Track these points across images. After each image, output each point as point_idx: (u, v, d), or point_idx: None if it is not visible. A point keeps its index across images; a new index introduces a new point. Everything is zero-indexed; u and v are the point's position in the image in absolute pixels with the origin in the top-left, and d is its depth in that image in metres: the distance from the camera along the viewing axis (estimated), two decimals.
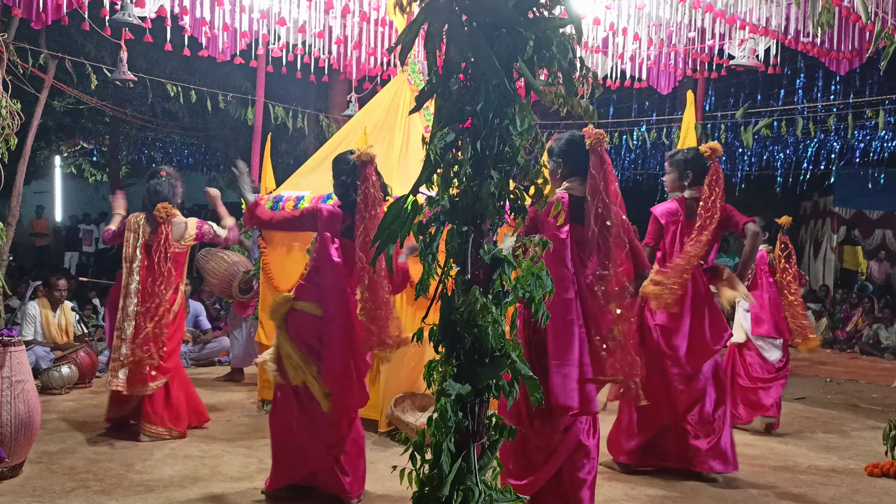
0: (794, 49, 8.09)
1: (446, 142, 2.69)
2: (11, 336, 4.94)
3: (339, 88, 11.84)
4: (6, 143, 5.55)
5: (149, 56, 11.70)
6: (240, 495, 4.66)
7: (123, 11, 7.04)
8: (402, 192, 3.00)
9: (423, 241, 2.75)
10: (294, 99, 12.04)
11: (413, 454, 2.74)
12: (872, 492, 5.20)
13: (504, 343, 2.69)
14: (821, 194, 16.84)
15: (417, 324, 2.90)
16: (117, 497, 4.55)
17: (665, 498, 4.90)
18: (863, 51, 7.66)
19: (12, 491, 4.59)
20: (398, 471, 2.77)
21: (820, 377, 9.95)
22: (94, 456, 5.35)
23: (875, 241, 16.29)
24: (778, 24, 7.59)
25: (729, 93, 14.14)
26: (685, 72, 9.27)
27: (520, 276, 2.73)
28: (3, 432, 4.70)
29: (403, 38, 2.75)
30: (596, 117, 2.98)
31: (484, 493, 2.68)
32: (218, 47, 8.26)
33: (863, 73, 12.21)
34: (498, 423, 2.78)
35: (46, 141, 17.68)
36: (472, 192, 2.69)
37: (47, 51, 8.91)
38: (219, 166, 19.58)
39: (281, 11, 7.99)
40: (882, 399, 8.57)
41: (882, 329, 12.24)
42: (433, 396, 2.77)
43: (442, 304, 2.77)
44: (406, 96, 6.82)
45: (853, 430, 6.99)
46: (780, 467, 5.72)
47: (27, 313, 8.15)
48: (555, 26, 2.68)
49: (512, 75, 2.68)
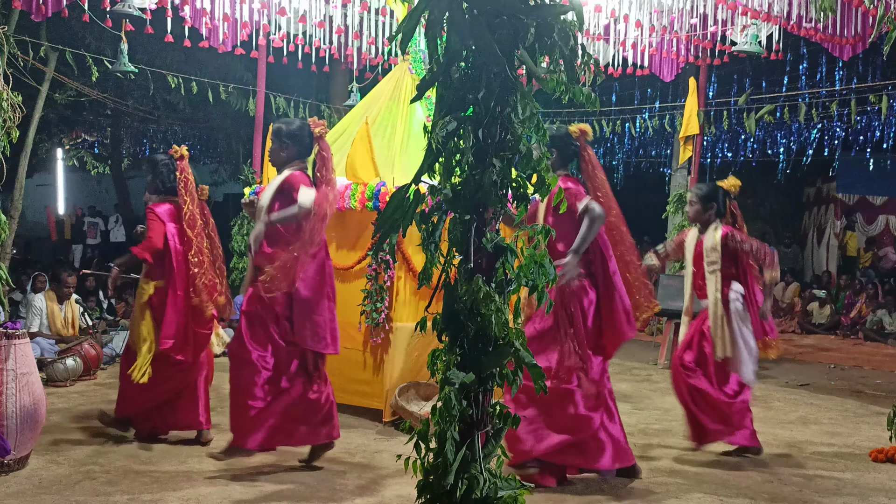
0: (797, 35, 8.05)
1: (448, 130, 2.68)
2: (16, 329, 4.95)
3: (340, 78, 11.82)
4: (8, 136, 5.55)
5: (149, 47, 11.66)
6: (247, 486, 4.68)
7: (124, 3, 7.02)
8: (403, 181, 2.99)
9: (425, 230, 2.75)
10: (295, 89, 12.02)
11: (417, 443, 2.75)
12: (877, 477, 5.20)
13: (507, 331, 2.69)
14: (824, 180, 16.80)
15: (421, 313, 2.90)
16: (123, 488, 4.57)
17: (669, 484, 4.91)
18: (865, 36, 7.62)
19: (18, 483, 4.60)
20: (402, 460, 2.78)
21: (824, 363, 9.95)
22: (100, 448, 5.37)
23: (878, 227, 16.26)
24: (780, 10, 7.55)
25: (732, 79, 14.08)
26: (687, 59, 9.24)
27: (522, 264, 2.73)
28: (9, 424, 4.71)
29: (404, 26, 2.74)
30: (598, 105, 2.97)
31: (489, 481, 2.69)
32: (219, 38, 8.25)
33: (866, 59, 12.15)
34: (502, 412, 2.78)
35: (48, 134, 17.67)
36: (474, 181, 2.68)
37: (48, 43, 8.90)
38: (220, 157, 19.58)
39: (281, 1, 7.97)
40: (886, 385, 8.57)
41: (886, 315, 12.22)
42: (437, 385, 2.77)
43: (445, 293, 2.77)
44: (407, 85, 6.80)
45: (857, 416, 6.99)
46: (784, 454, 5.72)
47: (33, 305, 8.18)
48: (556, 13, 2.67)
49: (513, 63, 2.67)
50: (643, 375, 8.70)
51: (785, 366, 9.64)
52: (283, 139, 5.02)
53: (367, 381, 6.21)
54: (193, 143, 21.59)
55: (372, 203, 6.00)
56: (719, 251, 5.45)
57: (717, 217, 5.57)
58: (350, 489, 4.67)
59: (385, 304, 6.05)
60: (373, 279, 6.07)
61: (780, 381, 8.54)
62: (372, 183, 6.03)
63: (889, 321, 12.15)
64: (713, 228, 5.54)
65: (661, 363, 9.11)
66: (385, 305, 6.05)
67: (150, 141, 21.68)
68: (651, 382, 8.30)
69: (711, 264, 5.48)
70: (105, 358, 8.18)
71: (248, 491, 4.59)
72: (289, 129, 5.03)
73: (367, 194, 6.01)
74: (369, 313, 6.08)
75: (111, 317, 10.84)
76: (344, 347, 6.30)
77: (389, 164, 6.22)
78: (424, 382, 6.14)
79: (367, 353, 6.21)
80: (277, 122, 5.16)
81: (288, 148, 5.02)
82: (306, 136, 5.03)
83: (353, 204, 6.10)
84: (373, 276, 6.07)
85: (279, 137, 5.03)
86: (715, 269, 5.46)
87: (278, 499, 4.49)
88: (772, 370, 9.13)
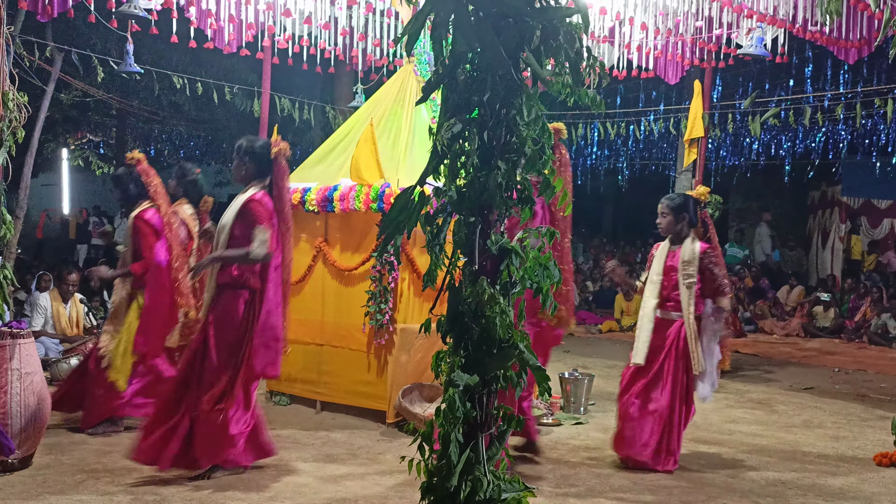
0: (802, 38, 8.03)
1: (453, 132, 2.68)
2: (21, 328, 4.96)
3: (345, 80, 11.82)
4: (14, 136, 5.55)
5: (155, 48, 11.69)
6: (250, 484, 4.68)
7: (129, 3, 7.03)
8: (408, 183, 3.00)
9: (430, 232, 2.75)
10: (300, 90, 12.02)
11: (421, 445, 2.75)
12: (881, 481, 5.19)
13: (512, 333, 2.69)
14: (829, 184, 16.75)
15: (425, 314, 2.90)
16: (127, 488, 4.57)
17: (672, 487, 4.91)
18: (871, 39, 7.60)
19: (22, 482, 4.61)
20: (406, 461, 2.78)
21: (828, 367, 9.93)
22: (104, 447, 5.37)
23: (883, 231, 16.22)
24: (786, 13, 7.53)
25: (737, 82, 14.05)
26: (692, 61, 9.22)
27: (527, 266, 2.73)
28: (13, 424, 4.72)
29: (410, 28, 2.75)
30: (603, 107, 2.97)
31: (492, 483, 2.68)
32: (224, 39, 8.24)
33: (871, 62, 12.13)
34: (506, 414, 2.78)
35: (53, 134, 17.70)
36: (479, 183, 2.68)
37: (54, 43, 8.91)
38: (225, 158, 19.57)
39: (287, 3, 7.97)
40: (891, 389, 8.55)
41: (890, 319, 12.18)
42: (441, 387, 2.77)
43: (450, 295, 2.77)
44: (412, 87, 6.81)
45: (861, 420, 6.98)
46: (788, 457, 5.71)
47: (38, 304, 8.20)
48: (561, 16, 2.67)
49: (519, 65, 2.68)
50: None
51: (789, 369, 9.62)
52: (242, 156, 4.99)
53: (370, 383, 6.21)
54: (198, 143, 21.62)
55: (376, 204, 6.01)
56: (696, 265, 5.31)
57: (689, 227, 5.46)
58: (353, 490, 4.67)
59: (389, 306, 6.05)
60: (377, 281, 6.07)
61: (784, 385, 8.52)
62: (376, 184, 6.03)
63: (894, 325, 12.11)
64: (690, 241, 5.41)
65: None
66: (389, 307, 6.05)
67: (155, 141, 21.71)
68: None
69: (688, 277, 5.30)
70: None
71: (249, 492, 4.60)
72: (249, 145, 4.99)
73: (372, 196, 6.01)
74: (373, 315, 6.08)
75: None
76: (348, 349, 6.34)
77: (394, 166, 6.23)
78: (428, 384, 6.13)
79: (370, 355, 6.22)
80: (241, 139, 5.14)
81: (247, 165, 4.98)
82: (266, 155, 4.98)
83: (357, 205, 6.10)
84: (377, 278, 6.07)
85: (239, 154, 5.00)
86: (691, 282, 5.30)
87: (281, 498, 4.50)
88: (776, 374, 9.12)
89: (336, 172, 6.52)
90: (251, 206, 4.84)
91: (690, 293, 5.30)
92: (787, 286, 14.54)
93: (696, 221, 5.56)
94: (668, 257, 5.47)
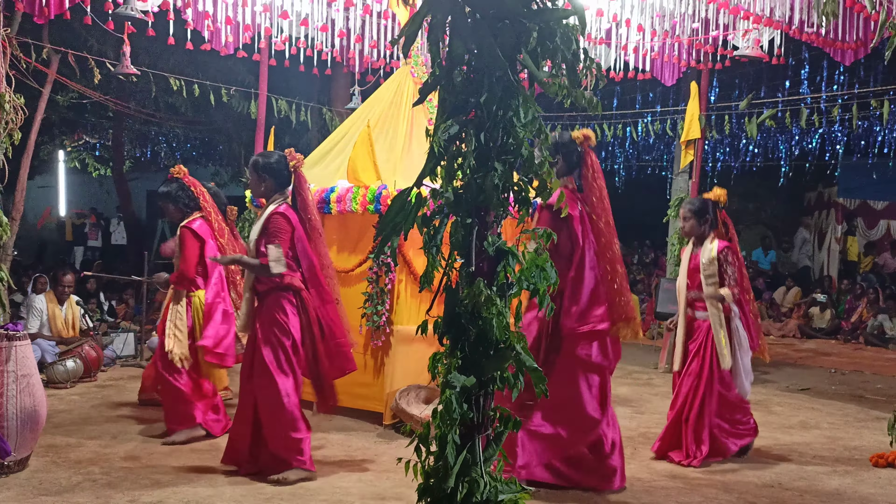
0: (799, 39, 8.04)
1: (450, 134, 2.69)
2: (17, 330, 4.95)
3: (342, 81, 11.81)
4: (10, 137, 5.56)
5: (152, 50, 11.66)
6: (247, 488, 4.68)
7: (126, 5, 7.02)
8: (405, 184, 3.00)
9: (427, 234, 2.75)
10: (297, 92, 12.01)
11: (418, 446, 2.75)
12: (877, 482, 5.20)
13: (509, 335, 2.69)
14: (825, 185, 16.78)
15: (422, 316, 2.90)
16: (123, 490, 4.57)
17: (669, 488, 4.91)
18: (867, 41, 7.62)
19: (19, 485, 4.60)
20: (403, 463, 2.78)
21: (825, 368, 9.94)
22: (100, 449, 5.37)
23: (879, 232, 16.24)
24: (782, 15, 7.54)
25: (733, 84, 14.07)
26: (689, 63, 9.23)
27: (524, 267, 2.74)
28: (9, 426, 4.71)
29: (407, 30, 2.75)
30: (600, 109, 2.98)
31: (489, 484, 2.68)
32: (221, 41, 8.24)
33: (867, 64, 12.14)
34: (503, 415, 2.78)
35: (50, 136, 17.66)
36: (475, 184, 2.68)
37: (50, 45, 8.89)
38: (222, 160, 19.55)
39: (283, 4, 7.98)
40: (887, 389, 8.56)
41: (887, 320, 12.21)
42: (438, 388, 2.78)
43: (446, 297, 2.77)
44: (409, 89, 6.81)
45: (858, 421, 6.99)
46: (784, 458, 5.72)
47: (33, 306, 8.18)
48: (558, 17, 2.67)
49: (515, 67, 2.68)
50: (644, 379, 8.70)
51: (786, 370, 9.63)
52: (260, 173, 5.04)
53: (367, 384, 6.20)
54: (195, 145, 21.58)
55: (373, 206, 6.01)
56: (716, 265, 5.50)
57: (710, 229, 5.64)
58: (350, 492, 4.66)
59: (386, 307, 6.06)
60: (374, 282, 6.07)
61: (780, 386, 8.53)
62: (373, 186, 6.03)
63: (890, 326, 12.13)
64: (709, 241, 5.60)
65: (662, 367, 9.10)
66: (386, 308, 6.06)
67: (152, 143, 21.66)
68: (651, 386, 8.29)
69: (709, 277, 5.51)
70: (105, 360, 8.19)
71: (248, 492, 4.59)
72: (266, 161, 5.05)
73: (369, 197, 6.02)
74: (370, 316, 6.08)
75: (112, 319, 10.85)
76: None
77: (391, 168, 6.23)
78: (425, 385, 6.14)
79: (367, 356, 6.21)
80: (255, 156, 5.21)
81: (266, 182, 5.04)
82: (284, 169, 5.04)
83: (354, 207, 6.10)
84: (374, 279, 6.07)
85: (256, 170, 5.05)
86: (714, 282, 5.50)
87: (278, 500, 4.49)
88: (773, 374, 9.12)
89: (333, 174, 6.53)
90: (271, 219, 4.92)
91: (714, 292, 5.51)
92: (784, 287, 14.57)
93: (717, 223, 5.71)
94: (691, 259, 5.70)
